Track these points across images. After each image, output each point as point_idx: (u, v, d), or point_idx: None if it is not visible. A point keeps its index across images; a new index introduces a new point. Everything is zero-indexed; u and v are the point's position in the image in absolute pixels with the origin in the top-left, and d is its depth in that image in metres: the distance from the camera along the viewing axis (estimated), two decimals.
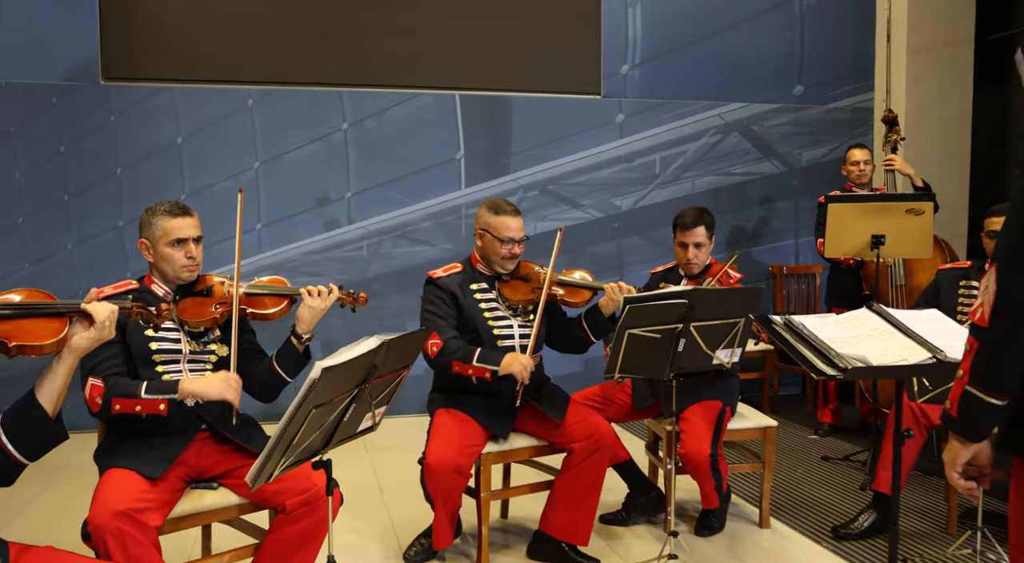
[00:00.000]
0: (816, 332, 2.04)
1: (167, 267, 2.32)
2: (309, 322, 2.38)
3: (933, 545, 2.99)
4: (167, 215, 2.30)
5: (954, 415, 1.36)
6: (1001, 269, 1.29)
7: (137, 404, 2.13)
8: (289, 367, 2.40)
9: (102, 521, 1.93)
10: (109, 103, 4.71)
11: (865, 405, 4.49)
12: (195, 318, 2.31)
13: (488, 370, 2.67)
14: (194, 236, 2.33)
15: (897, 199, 3.69)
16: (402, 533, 3.10)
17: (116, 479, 2.08)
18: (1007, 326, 1.27)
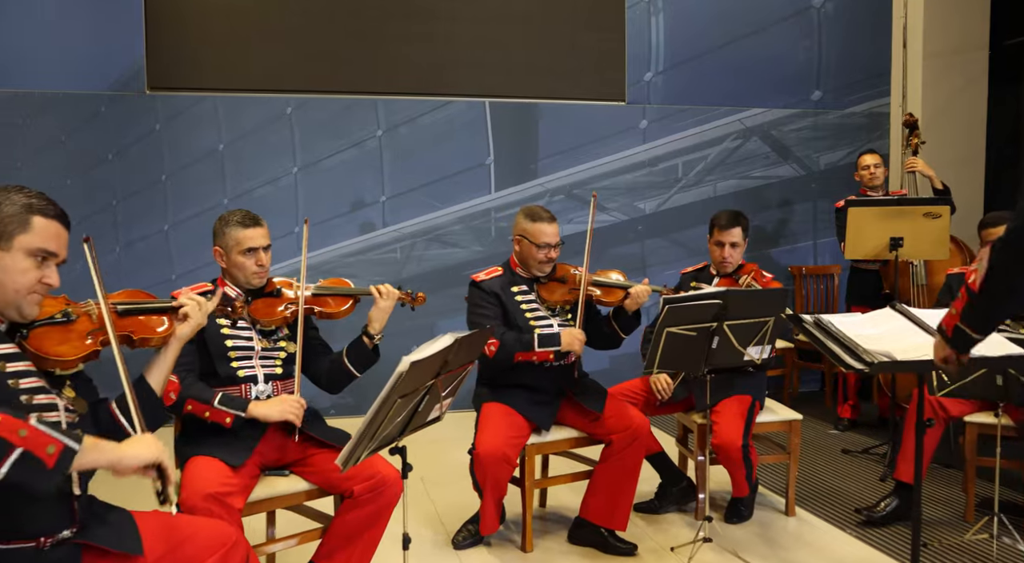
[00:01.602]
0: (844, 329, 2.21)
1: (239, 273, 2.49)
2: (380, 321, 2.55)
3: (951, 531, 3.16)
4: (239, 226, 2.48)
5: (949, 336, 1.79)
6: (998, 251, 1.58)
7: (207, 411, 2.33)
8: (359, 364, 2.58)
9: (194, 503, 2.11)
10: (155, 112, 4.89)
11: (883, 401, 4.65)
12: (266, 318, 2.49)
13: (551, 351, 2.89)
14: (264, 245, 2.50)
15: (915, 203, 3.85)
16: (447, 520, 3.28)
17: (202, 465, 2.26)
18: (991, 296, 1.61)
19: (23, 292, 1.60)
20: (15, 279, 1.59)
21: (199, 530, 1.83)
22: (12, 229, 1.58)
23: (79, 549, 1.65)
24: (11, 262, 1.58)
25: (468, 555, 2.99)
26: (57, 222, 1.64)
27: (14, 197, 1.61)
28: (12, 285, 1.59)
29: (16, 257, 1.59)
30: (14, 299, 1.60)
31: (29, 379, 1.62)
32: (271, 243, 2.56)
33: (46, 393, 1.64)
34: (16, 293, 1.59)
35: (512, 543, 3.08)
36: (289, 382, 2.55)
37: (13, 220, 1.59)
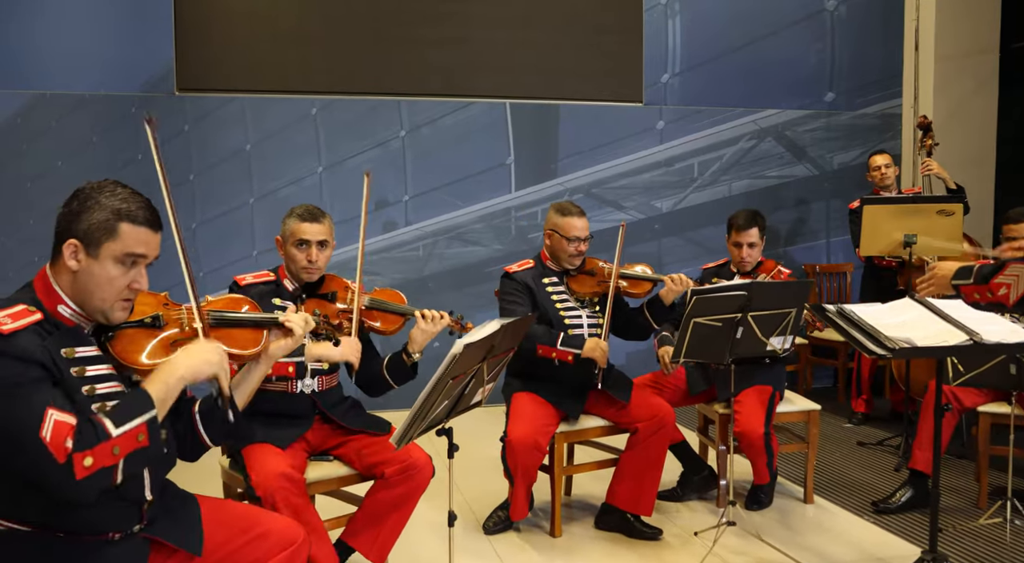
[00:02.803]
0: (866, 317, 2.31)
1: (290, 265, 2.59)
2: (420, 343, 2.58)
3: (966, 517, 3.27)
4: (298, 218, 2.56)
5: None
6: None
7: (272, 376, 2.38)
8: (397, 377, 2.64)
9: (269, 483, 2.21)
10: (184, 113, 4.99)
11: (896, 395, 4.75)
12: None
13: (571, 353, 2.99)
14: (318, 240, 2.53)
15: (928, 201, 3.95)
16: (476, 507, 3.39)
17: (262, 450, 2.36)
18: None
19: (110, 300, 1.60)
20: (102, 287, 1.58)
21: (270, 529, 1.85)
22: (100, 236, 1.57)
23: (147, 543, 1.68)
24: (99, 270, 1.58)
25: (499, 540, 3.10)
26: (146, 227, 1.61)
27: (104, 201, 1.58)
28: (99, 293, 1.59)
29: (105, 265, 1.58)
30: (100, 306, 1.60)
31: (108, 384, 1.61)
32: (328, 241, 2.56)
33: None
34: (103, 301, 1.59)
35: (541, 529, 3.19)
36: (332, 377, 2.64)
37: (101, 227, 1.57)
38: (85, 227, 1.57)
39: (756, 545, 3.00)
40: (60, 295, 1.60)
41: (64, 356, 1.55)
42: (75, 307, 1.61)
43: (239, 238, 5.10)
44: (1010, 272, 1.65)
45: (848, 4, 5.72)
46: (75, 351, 1.58)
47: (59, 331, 1.58)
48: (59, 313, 1.60)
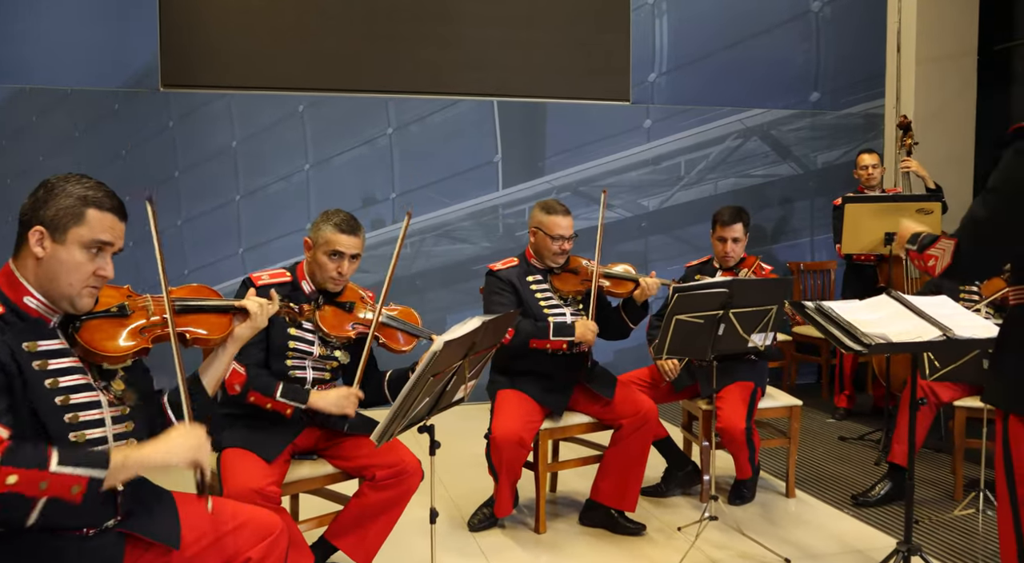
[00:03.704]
0: (843, 314, 2.35)
1: (318, 272, 2.51)
2: None
3: (941, 508, 3.34)
4: (335, 229, 2.48)
5: None
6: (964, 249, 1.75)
7: (269, 402, 2.39)
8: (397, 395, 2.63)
9: (239, 496, 2.16)
10: (168, 109, 4.97)
11: (877, 391, 4.81)
12: (332, 331, 2.50)
13: (565, 341, 3.03)
14: (352, 254, 2.49)
15: (908, 200, 4.01)
16: (462, 504, 3.42)
17: (239, 458, 2.34)
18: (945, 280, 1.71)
19: (76, 286, 1.59)
20: (69, 273, 1.58)
21: (248, 520, 1.86)
22: (67, 222, 1.57)
23: (122, 538, 1.67)
24: (66, 255, 1.57)
25: (484, 537, 3.12)
26: (112, 214, 1.62)
27: (70, 188, 1.59)
28: (66, 278, 1.58)
29: (71, 250, 1.57)
30: (67, 292, 1.59)
31: (72, 376, 1.60)
32: (360, 254, 2.54)
33: (88, 390, 1.63)
34: (69, 287, 1.58)
35: (526, 525, 3.22)
36: (330, 386, 2.60)
37: (68, 212, 1.57)
38: (52, 214, 1.57)
39: (738, 539, 3.04)
40: (25, 286, 1.59)
41: (25, 350, 1.54)
42: (41, 297, 1.59)
43: (225, 235, 5.10)
44: (940, 246, 1.76)
45: (833, 6, 5.78)
46: (37, 345, 1.57)
47: (23, 323, 1.57)
48: (25, 305, 1.59)
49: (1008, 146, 1.70)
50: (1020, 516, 1.69)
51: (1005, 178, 1.69)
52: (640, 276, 3.19)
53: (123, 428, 1.69)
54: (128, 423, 1.70)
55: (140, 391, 1.79)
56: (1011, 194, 1.67)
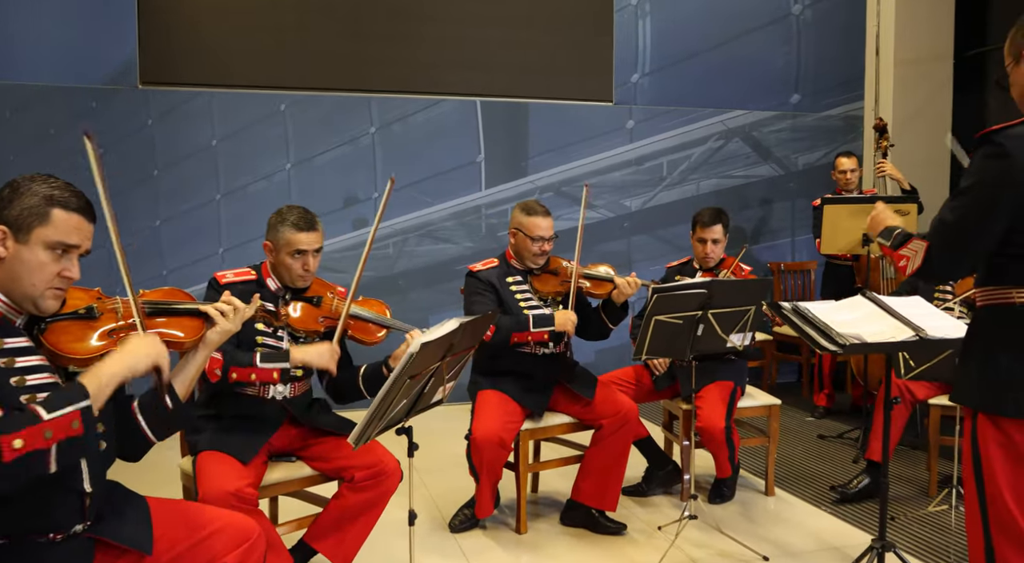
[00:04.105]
0: (819, 315, 2.37)
1: (284, 272, 2.52)
2: None
3: (916, 505, 3.39)
4: (293, 228, 2.47)
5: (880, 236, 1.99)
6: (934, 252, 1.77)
7: (252, 372, 2.35)
8: (373, 390, 2.61)
9: (214, 500, 2.15)
10: (147, 107, 4.92)
11: (856, 390, 4.86)
12: (300, 325, 2.50)
13: (546, 331, 3.03)
14: (314, 249, 2.50)
15: (886, 200, 4.04)
16: (443, 505, 3.42)
17: (216, 461, 2.31)
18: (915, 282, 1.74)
19: (40, 287, 1.55)
20: (32, 273, 1.54)
21: (224, 526, 1.84)
22: (31, 221, 1.53)
23: (92, 543, 1.64)
24: (29, 255, 1.53)
25: (465, 538, 3.12)
26: (79, 215, 1.58)
27: (36, 187, 1.55)
28: (29, 279, 1.54)
29: (35, 250, 1.54)
30: (30, 293, 1.55)
31: (39, 375, 1.57)
32: (321, 246, 2.54)
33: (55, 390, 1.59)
34: (32, 287, 1.55)
35: (507, 526, 3.22)
36: (305, 382, 2.61)
37: (32, 212, 1.53)
38: (16, 213, 1.54)
39: (717, 538, 3.06)
40: None
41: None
42: (4, 297, 1.56)
43: (206, 235, 5.07)
44: (912, 246, 1.78)
45: (813, 9, 5.83)
46: (4, 342, 1.54)
47: None
48: None
49: (976, 150, 1.73)
50: (988, 513, 1.72)
51: (972, 182, 1.72)
52: (619, 276, 3.21)
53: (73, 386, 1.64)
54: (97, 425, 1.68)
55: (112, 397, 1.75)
56: (978, 197, 1.70)
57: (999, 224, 1.67)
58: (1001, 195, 1.65)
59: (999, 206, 1.66)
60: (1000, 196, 1.65)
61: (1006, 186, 1.65)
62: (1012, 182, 1.64)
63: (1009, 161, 1.64)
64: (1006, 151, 1.65)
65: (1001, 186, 1.65)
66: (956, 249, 1.73)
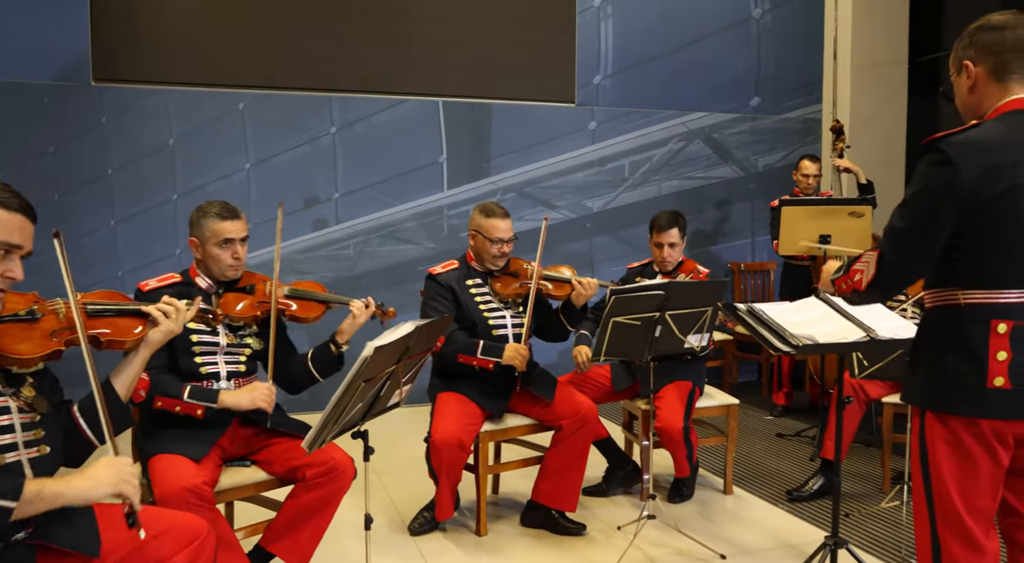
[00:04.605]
0: (773, 316, 2.40)
1: (213, 265, 2.50)
2: (350, 334, 2.61)
3: (870, 501, 3.45)
4: (217, 218, 2.48)
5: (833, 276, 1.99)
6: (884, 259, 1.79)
7: (178, 405, 2.34)
8: (323, 370, 2.64)
9: (173, 500, 2.13)
10: (100, 104, 4.80)
11: (814, 388, 4.94)
12: (238, 315, 2.49)
13: (492, 361, 3.01)
14: (241, 237, 2.50)
15: (841, 203, 4.12)
16: (402, 508, 3.40)
17: (169, 462, 2.28)
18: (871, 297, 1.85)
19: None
20: None
21: (171, 526, 1.83)
22: None
23: (33, 551, 1.62)
24: None
25: (425, 541, 3.10)
26: (20, 215, 1.57)
27: None
28: None
29: None
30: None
31: None
32: (247, 235, 2.56)
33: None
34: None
35: (467, 528, 3.21)
36: (251, 378, 2.59)
37: None
38: None
39: (675, 537, 3.08)
40: None
41: None
42: None
43: (162, 236, 4.97)
44: (864, 259, 1.82)
45: (773, 13, 5.91)
46: None
47: None
48: None
49: (921, 157, 1.76)
50: (934, 507, 1.76)
51: (916, 190, 1.75)
52: (578, 278, 3.21)
53: (32, 435, 1.64)
54: (38, 430, 1.64)
55: (51, 398, 1.75)
56: (922, 205, 1.73)
57: (943, 231, 1.70)
58: (944, 203, 1.68)
59: (942, 213, 1.68)
60: (943, 204, 1.68)
61: (949, 194, 1.67)
62: (954, 191, 1.67)
63: (952, 168, 1.67)
64: (949, 158, 1.67)
65: (944, 194, 1.68)
66: (904, 255, 1.76)
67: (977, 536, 1.72)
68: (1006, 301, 1.69)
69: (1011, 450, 1.73)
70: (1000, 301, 1.69)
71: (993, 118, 1.74)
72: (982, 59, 1.75)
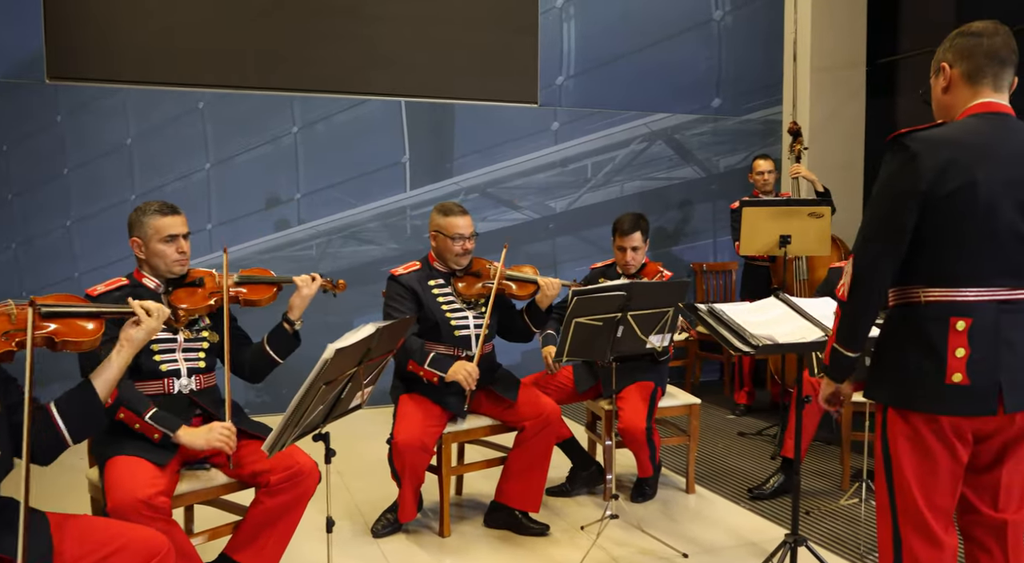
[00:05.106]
0: (733, 316, 2.43)
1: (159, 262, 2.49)
2: (301, 308, 2.63)
3: (830, 499, 3.50)
4: (158, 214, 2.49)
5: (827, 363, 1.91)
6: (855, 258, 1.80)
7: (137, 423, 2.31)
8: (281, 350, 2.64)
9: (125, 510, 2.09)
10: (56, 103, 4.70)
11: (775, 387, 5.00)
12: (192, 306, 2.48)
13: (436, 375, 3.00)
14: (183, 232, 2.52)
15: (800, 204, 4.18)
16: (366, 510, 3.38)
17: (126, 466, 2.23)
18: (858, 300, 1.80)
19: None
20: None
21: (129, 541, 1.81)
22: None
23: None
24: None
25: (388, 543, 3.08)
26: None
27: None
28: None
29: None
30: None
31: None
32: (190, 232, 2.57)
33: None
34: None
35: (430, 529, 3.20)
36: (210, 376, 2.58)
37: None
38: None
39: (638, 536, 3.10)
40: None
41: None
42: None
43: (120, 236, 4.80)
44: (846, 267, 1.83)
45: (734, 15, 5.97)
46: None
47: None
48: None
49: (886, 153, 1.79)
50: (896, 503, 1.79)
51: (882, 182, 1.78)
52: (542, 278, 3.21)
53: None
54: None
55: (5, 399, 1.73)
56: (889, 196, 1.76)
57: (909, 220, 1.72)
58: (906, 193, 1.71)
59: (905, 204, 1.72)
60: (906, 194, 1.71)
61: (910, 185, 1.71)
62: (915, 183, 1.70)
63: (914, 162, 1.71)
64: (911, 152, 1.71)
65: (906, 185, 1.71)
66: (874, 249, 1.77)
67: (937, 532, 1.76)
68: (964, 299, 1.72)
69: (970, 447, 1.77)
70: (958, 299, 1.73)
71: (960, 119, 1.80)
72: (958, 62, 1.81)
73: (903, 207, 1.72)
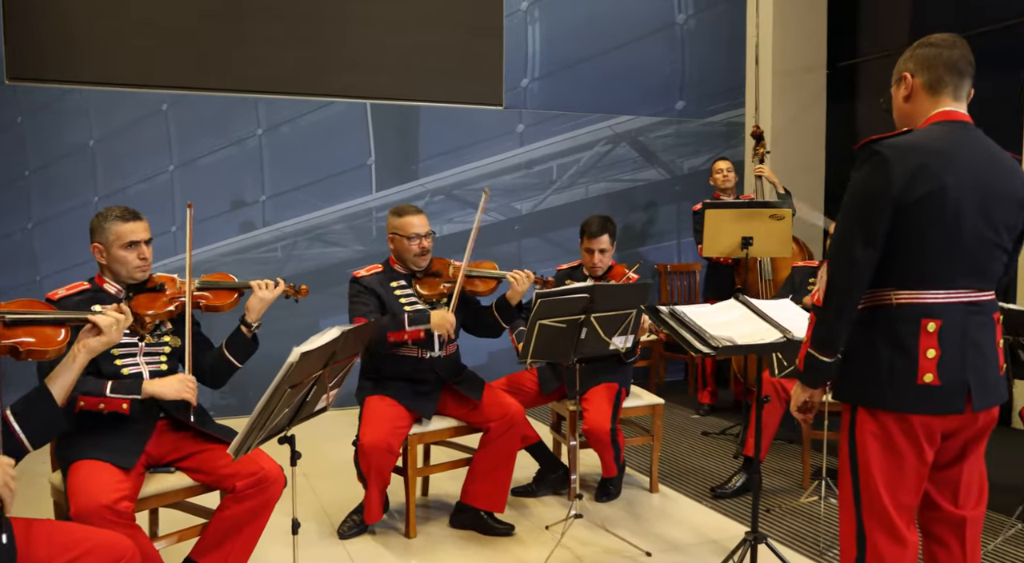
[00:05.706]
0: (694, 318, 2.47)
1: (121, 268, 2.48)
2: (258, 312, 2.64)
3: (791, 497, 3.57)
4: (119, 220, 2.48)
5: (800, 369, 1.91)
6: (829, 264, 1.82)
7: (102, 402, 2.30)
8: (239, 354, 2.64)
9: (88, 515, 2.08)
10: (16, 103, 4.63)
11: (738, 387, 5.08)
12: (151, 311, 2.48)
13: (421, 328, 3.02)
14: (145, 238, 2.51)
15: (762, 206, 4.26)
16: (332, 511, 3.38)
17: (90, 471, 2.22)
18: (833, 305, 1.81)
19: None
20: None
21: (95, 546, 1.81)
22: None
23: None
24: None
25: (354, 544, 3.09)
26: None
27: None
28: None
29: None
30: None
31: None
32: (152, 237, 2.56)
33: None
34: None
35: (396, 530, 3.21)
36: None
37: None
38: None
39: (602, 535, 3.14)
40: None
41: None
42: None
43: (83, 239, 4.72)
44: (820, 272, 1.87)
45: (697, 19, 6.06)
46: None
47: None
48: None
49: (856, 159, 1.84)
50: (861, 499, 1.84)
51: (854, 189, 1.82)
52: (505, 272, 3.24)
53: None
54: None
55: None
56: (861, 201, 1.80)
57: (881, 225, 1.75)
58: (878, 198, 1.75)
59: (877, 208, 1.75)
60: (878, 199, 1.75)
61: (882, 190, 1.74)
62: (887, 187, 1.74)
63: (886, 167, 1.74)
64: (883, 157, 1.75)
65: (878, 190, 1.75)
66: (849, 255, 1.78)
67: (901, 529, 1.80)
68: (933, 301, 1.77)
69: (937, 445, 1.81)
70: (928, 301, 1.78)
71: (924, 126, 1.84)
72: (920, 72, 1.86)
73: (876, 212, 1.75)
